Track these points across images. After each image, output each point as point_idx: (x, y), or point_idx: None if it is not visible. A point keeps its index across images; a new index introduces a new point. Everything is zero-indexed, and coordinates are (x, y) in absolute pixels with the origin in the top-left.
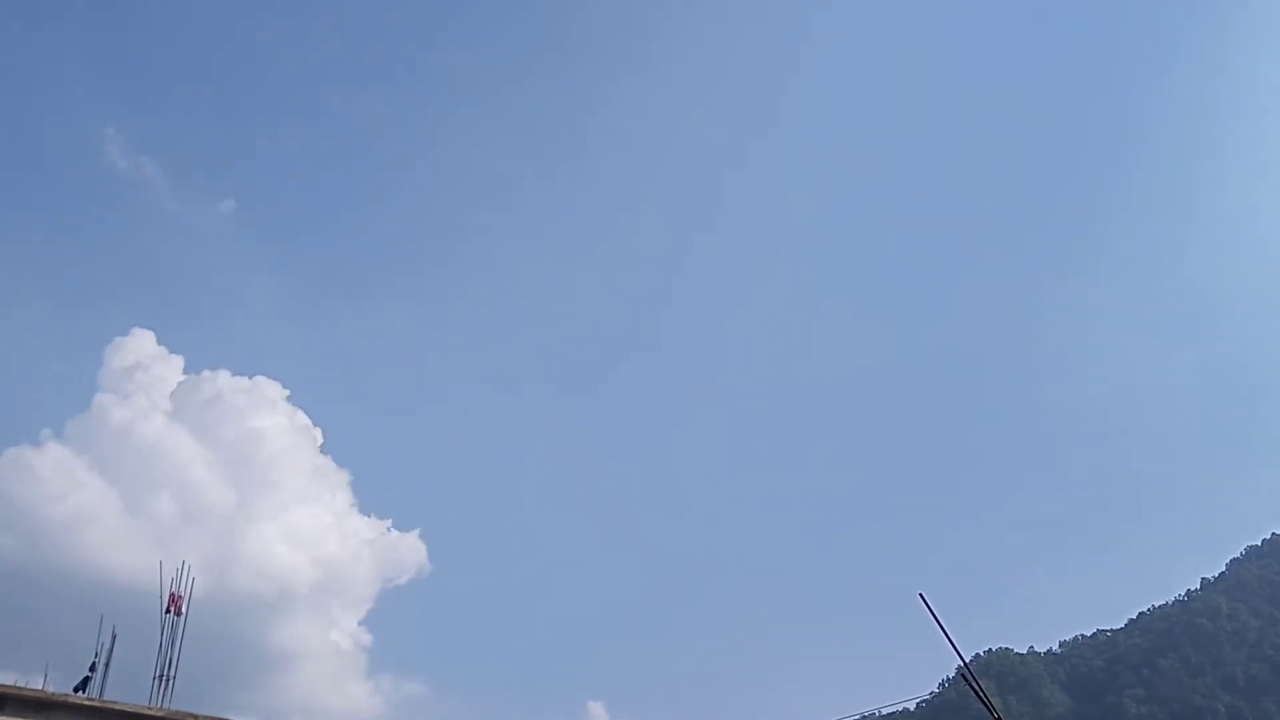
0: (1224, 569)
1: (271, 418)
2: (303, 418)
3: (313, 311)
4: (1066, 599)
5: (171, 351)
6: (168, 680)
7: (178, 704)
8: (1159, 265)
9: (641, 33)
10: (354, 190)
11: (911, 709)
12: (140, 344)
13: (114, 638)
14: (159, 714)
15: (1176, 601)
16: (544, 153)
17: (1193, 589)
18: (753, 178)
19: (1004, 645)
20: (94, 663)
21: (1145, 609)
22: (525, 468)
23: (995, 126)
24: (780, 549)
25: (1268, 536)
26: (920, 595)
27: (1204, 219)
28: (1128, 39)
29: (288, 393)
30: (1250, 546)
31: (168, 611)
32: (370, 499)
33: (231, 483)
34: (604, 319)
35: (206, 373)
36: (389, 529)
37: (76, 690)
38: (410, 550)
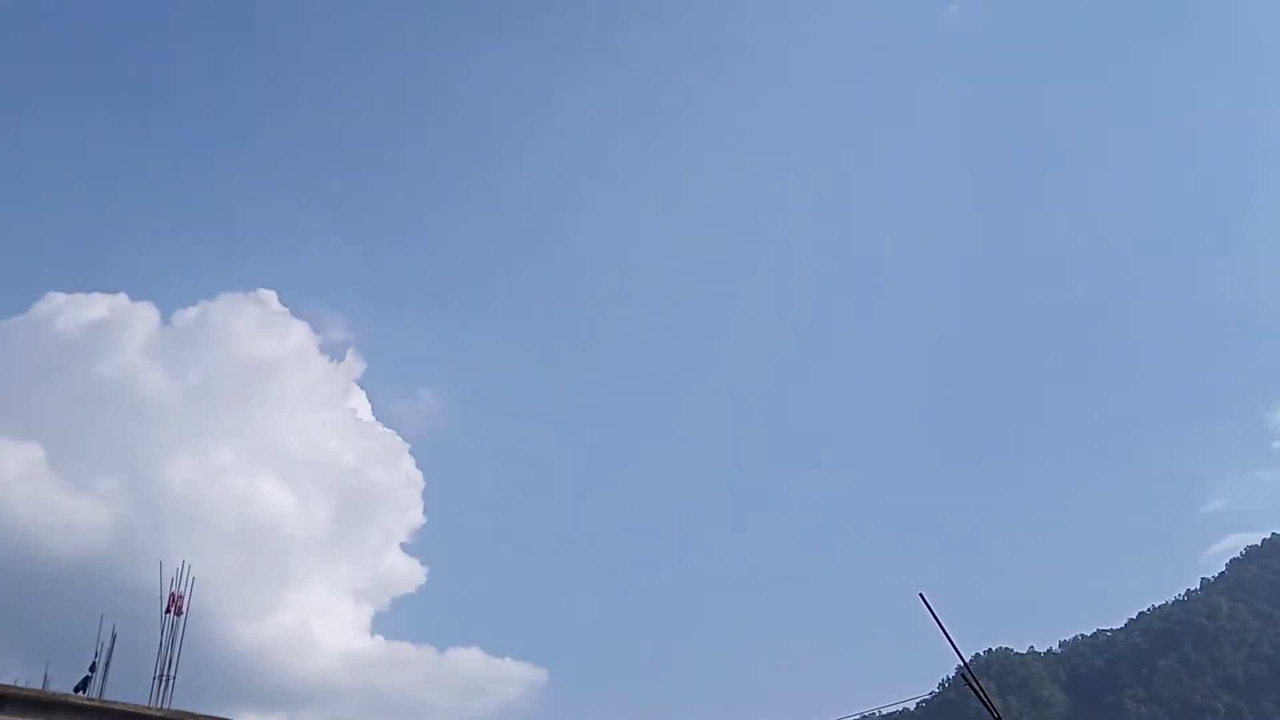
0: (1224, 569)
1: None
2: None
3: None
4: (1066, 599)
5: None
6: (168, 680)
7: (178, 704)
8: (1158, 261)
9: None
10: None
11: (911, 709)
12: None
13: (114, 637)
14: (159, 714)
15: (1176, 601)
16: (563, 162)
17: (1193, 589)
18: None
19: (1004, 645)
20: (94, 662)
21: (1145, 609)
22: (523, 467)
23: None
24: (780, 549)
25: (1268, 536)
26: (920, 595)
27: (1202, 219)
28: (1134, 37)
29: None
30: (1250, 546)
31: (168, 611)
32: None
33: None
34: (606, 319)
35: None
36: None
37: (76, 690)
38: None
